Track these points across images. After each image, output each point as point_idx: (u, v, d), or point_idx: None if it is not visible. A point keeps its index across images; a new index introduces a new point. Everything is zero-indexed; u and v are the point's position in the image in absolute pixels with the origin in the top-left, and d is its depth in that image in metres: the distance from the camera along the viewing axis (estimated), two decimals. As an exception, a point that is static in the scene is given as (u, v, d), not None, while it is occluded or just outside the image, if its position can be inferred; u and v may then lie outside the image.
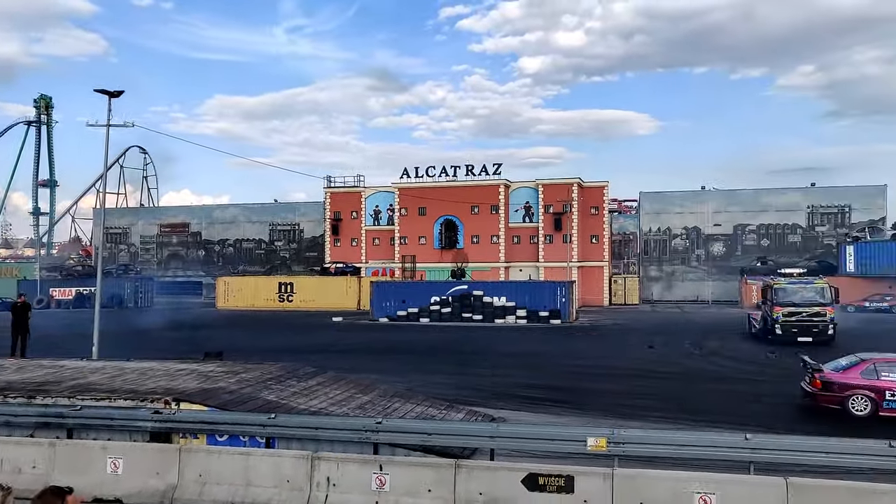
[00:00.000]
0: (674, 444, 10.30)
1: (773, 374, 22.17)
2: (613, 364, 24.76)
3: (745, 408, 17.00)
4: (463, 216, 59.09)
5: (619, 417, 15.57)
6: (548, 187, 58.48)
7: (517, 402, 17.73)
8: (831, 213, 59.21)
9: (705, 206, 62.03)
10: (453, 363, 25.28)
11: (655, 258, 62.79)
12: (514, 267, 58.69)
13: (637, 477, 9.11)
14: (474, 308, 41.88)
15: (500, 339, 32.83)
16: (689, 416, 15.91)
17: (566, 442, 10.48)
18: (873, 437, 10.01)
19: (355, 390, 14.57)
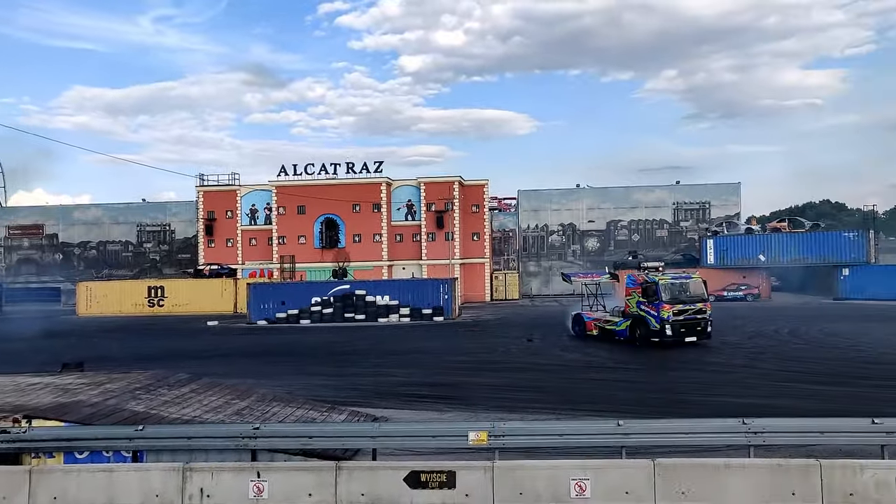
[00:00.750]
0: (552, 434, 10.67)
1: (644, 363, 23.44)
2: (495, 358, 25.29)
3: (620, 395, 17.86)
4: (344, 215, 58.41)
5: (502, 411, 15.93)
6: (430, 185, 58.93)
7: (400, 401, 17.75)
8: (693, 209, 63.40)
9: (580, 203, 64.73)
10: (335, 364, 24.97)
11: (534, 254, 64.81)
12: (397, 265, 58.72)
13: (516, 468, 9.33)
14: (357, 308, 41.49)
15: (384, 338, 32.74)
16: (569, 405, 16.51)
17: (448, 438, 10.61)
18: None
19: (232, 396, 14.04)
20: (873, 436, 9.80)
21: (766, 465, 8.96)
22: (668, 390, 18.37)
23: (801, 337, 29.03)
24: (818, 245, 50.12)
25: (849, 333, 29.17)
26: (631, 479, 8.95)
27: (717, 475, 8.86)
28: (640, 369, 21.98)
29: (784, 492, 8.65)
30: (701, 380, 19.87)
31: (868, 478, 8.66)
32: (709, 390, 18.21)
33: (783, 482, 8.71)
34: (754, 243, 52.16)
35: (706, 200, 63.04)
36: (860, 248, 48.74)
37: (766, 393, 17.37)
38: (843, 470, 8.77)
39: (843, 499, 8.60)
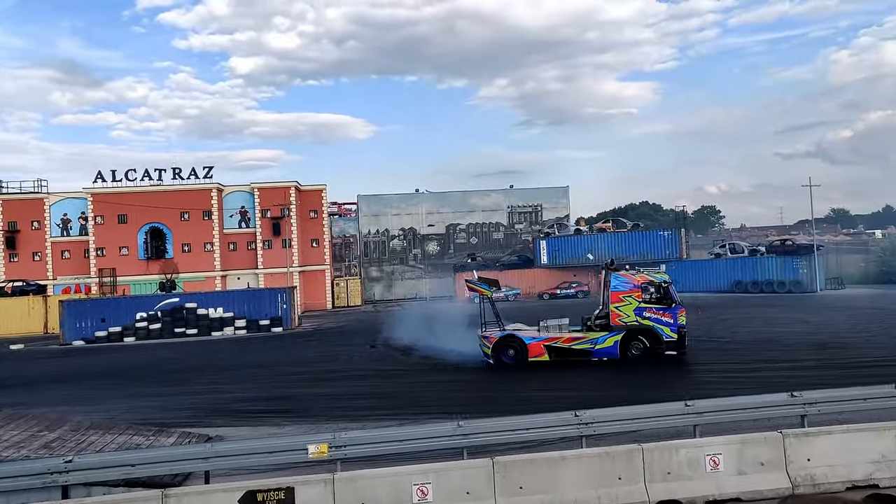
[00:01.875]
0: (394, 441, 10.61)
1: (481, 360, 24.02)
2: (337, 367, 24.88)
3: (463, 396, 18.15)
4: (171, 223, 54.99)
5: (344, 420, 15.65)
6: (264, 191, 57.04)
7: (237, 418, 16.93)
8: (527, 212, 66.43)
9: (420, 207, 65.65)
10: (164, 383, 23.34)
11: (376, 259, 64.81)
12: (231, 275, 56.23)
13: (358, 478, 9.16)
14: (188, 322, 39.16)
15: (218, 353, 31.15)
16: (412, 410, 16.50)
17: (287, 452, 10.28)
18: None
19: (39, 428, 12.63)
20: (687, 417, 10.71)
21: (595, 454, 9.45)
22: (510, 388, 18.96)
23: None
24: (638, 243, 54.40)
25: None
26: (471, 479, 9.07)
27: (552, 468, 9.20)
28: (483, 369, 22.48)
29: (611, 477, 9.17)
30: (541, 377, 20.66)
31: (682, 457, 9.41)
32: (548, 386, 18.96)
33: (611, 468, 9.23)
34: (583, 243, 55.59)
35: (538, 203, 66.28)
36: (674, 245, 53.51)
37: (596, 385, 18.45)
38: (661, 452, 9.45)
39: (663, 477, 9.27)
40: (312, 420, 16.10)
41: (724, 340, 25.87)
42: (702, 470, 9.41)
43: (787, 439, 9.76)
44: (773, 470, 9.59)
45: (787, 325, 28.94)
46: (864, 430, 10.19)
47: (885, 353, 21.00)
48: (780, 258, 48.44)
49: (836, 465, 9.73)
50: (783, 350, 22.52)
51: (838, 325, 28.39)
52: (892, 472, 9.80)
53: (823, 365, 19.36)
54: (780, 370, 18.84)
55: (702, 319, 32.34)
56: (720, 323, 30.97)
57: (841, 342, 23.79)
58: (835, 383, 13.65)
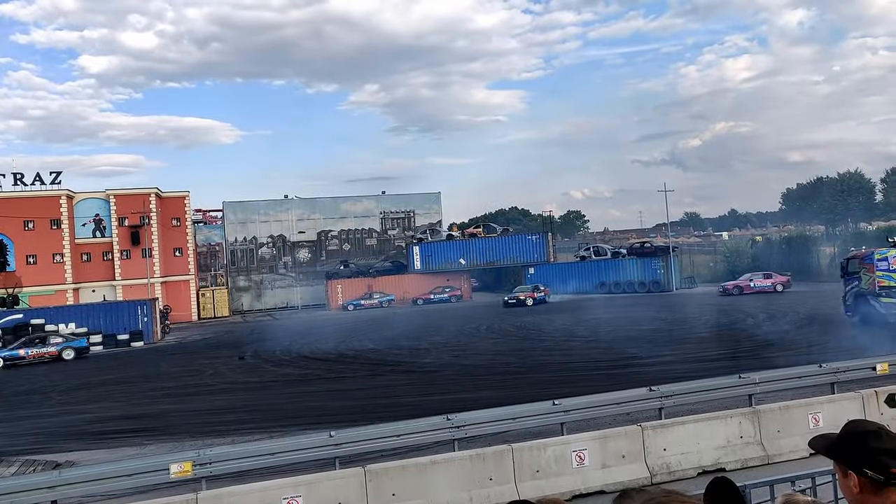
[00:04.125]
0: (263, 454, 10.27)
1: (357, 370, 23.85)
2: (204, 381, 23.82)
3: (335, 405, 17.87)
4: (13, 233, 50.53)
5: (212, 436, 15.00)
6: (121, 198, 53.73)
7: (92, 441, 15.76)
8: (399, 218, 66.61)
9: (289, 214, 64.14)
10: (6, 407, 21.36)
11: (244, 268, 62.63)
12: (85, 288, 52.47)
13: (224, 496, 8.80)
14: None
15: (71, 371, 28.92)
16: (284, 422, 16.06)
17: (146, 474, 9.71)
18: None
19: None
20: (554, 415, 11.08)
21: (466, 457, 9.57)
22: (382, 395, 18.88)
23: (496, 331, 32.03)
24: (508, 247, 56.05)
25: (534, 325, 32.90)
26: (343, 490, 8.94)
27: (424, 473, 9.24)
28: (354, 377, 22.31)
29: (482, 478, 9.32)
30: (411, 381, 20.77)
31: (550, 454, 9.73)
32: (419, 390, 19.08)
33: (482, 470, 9.38)
34: (455, 248, 56.47)
35: (411, 209, 66.69)
36: (542, 248, 55.57)
37: (470, 387, 18.74)
38: (530, 450, 9.73)
39: (532, 476, 9.55)
40: (177, 438, 15.31)
41: (589, 339, 27.13)
42: (569, 466, 9.78)
43: (645, 431, 10.32)
44: (634, 461, 10.12)
45: (648, 322, 30.73)
46: (712, 418, 10.96)
47: (733, 346, 22.76)
48: (639, 260, 51.39)
49: (689, 452, 10.38)
50: (644, 346, 23.83)
51: (692, 321, 30.50)
52: (736, 455, 10.59)
53: (681, 359, 20.63)
54: (642, 366, 19.91)
55: (565, 320, 33.89)
56: (585, 323, 32.45)
57: (696, 336, 25.59)
58: (690, 376, 14.65)
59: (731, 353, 21.31)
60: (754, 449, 10.74)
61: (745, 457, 10.62)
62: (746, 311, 32.31)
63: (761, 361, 17.63)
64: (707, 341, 24.31)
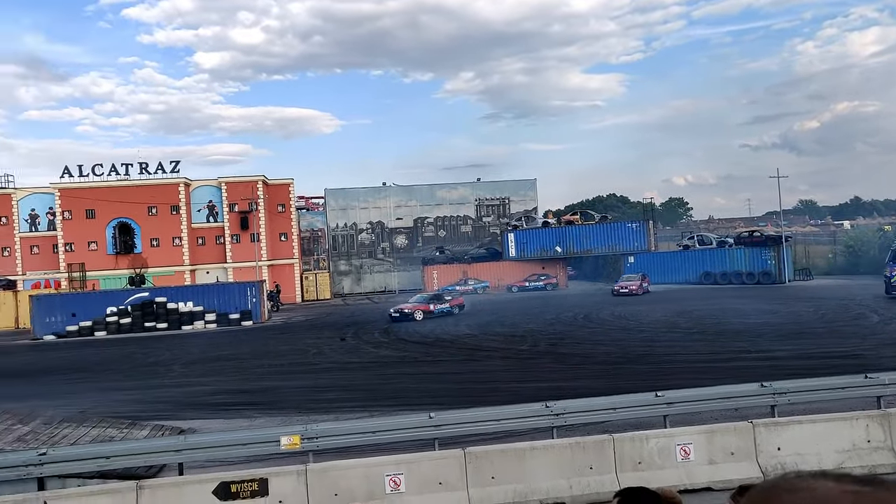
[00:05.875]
0: (365, 432, 10.68)
1: (454, 354, 24.26)
2: (308, 360, 24.88)
3: (433, 388, 18.31)
4: (140, 218, 54.29)
5: (316, 412, 15.68)
6: (232, 185, 56.52)
7: (209, 411, 16.87)
8: (494, 205, 66.61)
9: (387, 200, 65.45)
10: (136, 377, 23.19)
11: (344, 253, 64.53)
12: (200, 269, 55.67)
13: (330, 469, 9.25)
14: (158, 316, 38.80)
15: (189, 347, 30.90)
16: (383, 402, 16.62)
17: (259, 444, 10.30)
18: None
19: (11, 422, 12.54)
20: (657, 408, 10.89)
21: (566, 444, 9.63)
22: (478, 380, 19.18)
23: (593, 320, 31.65)
24: (606, 235, 54.83)
25: (634, 315, 32.26)
26: (443, 470, 9.21)
27: (523, 458, 9.38)
28: (452, 361, 22.70)
29: (582, 467, 9.36)
30: (508, 367, 20.95)
31: (653, 446, 9.61)
32: (515, 377, 19.21)
33: (582, 458, 9.42)
34: (551, 236, 55.92)
35: (506, 196, 66.53)
36: (642, 237, 53.97)
37: (566, 376, 18.72)
38: (631, 441, 9.65)
39: (633, 467, 9.48)
40: (284, 412, 16.12)
41: (692, 331, 26.38)
42: (672, 459, 9.62)
43: (756, 429, 9.90)
44: (744, 459, 9.79)
45: (757, 315, 29.48)
46: (834, 419, 10.33)
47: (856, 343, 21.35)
48: (748, 249, 48.92)
49: (806, 454, 9.83)
50: (753, 340, 22.91)
51: (807, 315, 29.00)
52: (862, 461, 9.90)
53: (795, 355, 19.74)
54: (751, 360, 19.21)
55: (667, 311, 33.00)
56: (688, 314, 31.53)
57: (812, 332, 24.32)
58: (806, 373, 13.97)
59: (853, 350, 20.04)
60: (884, 455, 10.02)
61: (872, 463, 9.90)
62: (869, 306, 30.41)
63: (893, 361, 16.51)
64: (824, 337, 23.10)
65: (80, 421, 13.44)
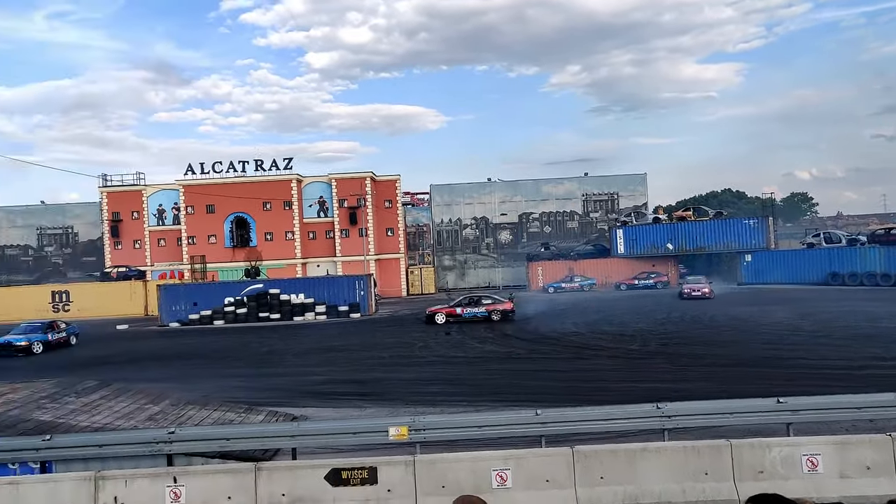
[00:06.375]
0: (472, 426, 10.68)
1: (560, 352, 23.94)
2: (414, 353, 25.26)
3: (538, 385, 18.13)
4: (255, 213, 57.04)
5: (422, 405, 15.88)
6: (341, 182, 58.30)
7: (319, 399, 17.45)
8: (602, 200, 65.27)
9: (492, 196, 65.50)
10: (252, 364, 24.36)
11: (448, 248, 65.17)
12: (311, 263, 57.84)
13: (438, 461, 9.30)
14: (272, 307, 40.63)
15: (300, 337, 32.16)
16: (489, 397, 16.62)
17: (368, 434, 10.51)
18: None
19: (144, 401, 13.45)
20: (779, 414, 10.24)
21: (679, 448, 9.24)
22: (585, 378, 18.83)
23: (706, 320, 30.37)
24: (722, 232, 52.41)
25: (751, 316, 30.69)
26: (551, 468, 9.07)
27: (633, 459, 9.09)
28: (557, 358, 22.42)
29: (697, 472, 8.95)
30: (616, 366, 20.45)
31: (776, 455, 9.03)
32: (624, 376, 18.72)
33: (696, 463, 9.01)
34: (662, 232, 54.13)
35: (614, 191, 65.03)
36: (761, 234, 51.12)
37: (676, 377, 18.06)
38: (751, 449, 9.10)
39: (753, 476, 8.96)
40: (391, 403, 16.44)
41: (818, 334, 24.81)
42: (798, 470, 8.99)
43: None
44: (882, 475, 8.99)
45: (891, 320, 27.28)
46: None
47: None
48: (884, 248, 44.75)
49: None
50: (888, 346, 21.26)
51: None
52: None
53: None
54: (886, 368, 17.83)
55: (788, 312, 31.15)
56: (812, 316, 29.67)
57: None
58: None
59: None
60: None
61: None
62: None
63: None
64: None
65: (203, 404, 14.23)
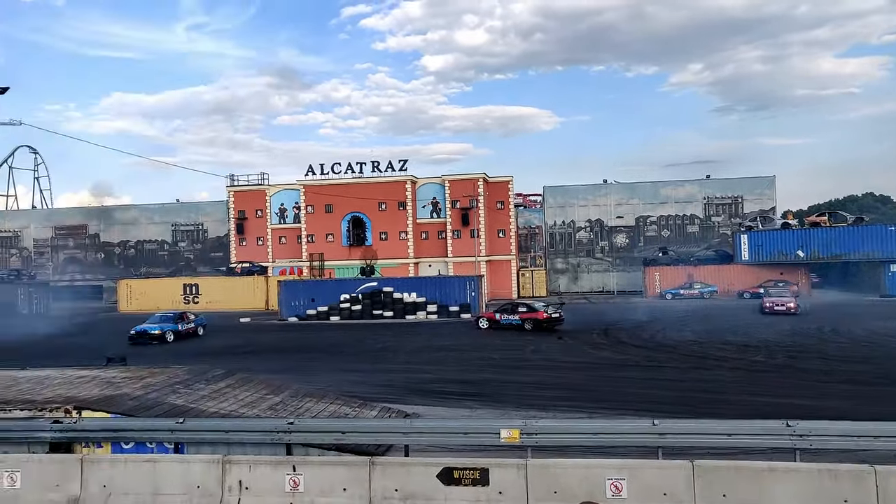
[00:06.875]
0: (585, 433, 10.43)
1: (680, 361, 23.07)
2: (525, 356, 25.11)
3: (655, 394, 17.56)
4: (370, 213, 58.62)
5: (533, 409, 15.77)
6: (454, 183, 58.86)
7: (431, 398, 17.68)
8: (725, 204, 62.19)
9: (608, 199, 63.98)
10: (365, 360, 25.03)
11: (561, 251, 64.29)
12: (423, 262, 58.75)
13: (550, 466, 9.19)
14: (385, 305, 41.60)
15: (413, 335, 32.72)
16: (602, 404, 16.28)
17: (480, 435, 10.49)
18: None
19: (266, 391, 14.12)
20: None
21: (813, 470, 8.59)
22: (706, 389, 18.06)
23: (842, 334, 28.33)
24: (862, 240, 48.16)
25: (893, 331, 28.36)
26: (669, 480, 8.74)
27: (760, 479, 8.58)
28: (675, 367, 21.63)
29: (834, 498, 8.27)
30: (740, 379, 19.48)
31: (931, 485, 8.20)
32: (748, 390, 17.79)
33: (833, 488, 8.34)
34: (792, 238, 50.70)
35: (739, 194, 61.84)
36: (908, 242, 46.87)
37: (810, 394, 16.95)
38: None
39: (900, 506, 8.22)
40: (502, 406, 16.40)
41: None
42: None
43: None
44: None
45: None
46: None
47: None
48: None
49: None
50: None
51: None
52: None
53: None
54: None
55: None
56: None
57: None
58: None
59: None
60: None
61: None
62: None
63: None
64: None
65: (319, 396, 14.76)
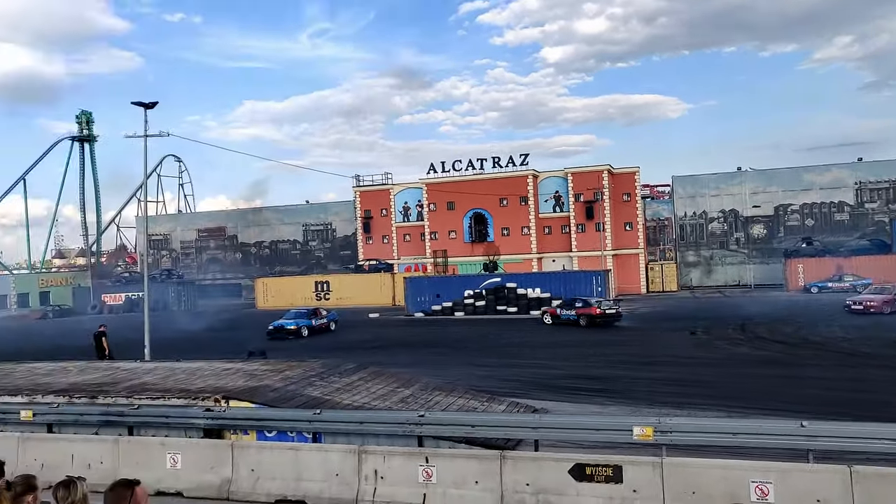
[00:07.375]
0: (724, 432, 9.98)
1: (826, 358, 21.62)
2: (656, 352, 24.38)
3: (798, 393, 16.53)
4: (492, 209, 58.79)
5: (666, 406, 15.26)
6: (577, 176, 57.84)
7: (558, 393, 17.53)
8: (882, 189, 56.59)
9: (742, 187, 60.43)
10: (491, 355, 25.18)
11: (692, 243, 61.56)
12: (546, 258, 58.22)
13: (688, 465, 8.88)
14: (509, 300, 41.62)
15: (538, 331, 32.59)
16: (740, 403, 15.52)
17: (611, 431, 10.28)
18: None
19: (396, 384, 14.56)
20: None
21: None
22: (854, 389, 16.79)
23: None
24: None
25: None
26: (823, 487, 8.15)
27: (929, 488, 7.87)
28: (821, 365, 20.24)
29: None
30: (893, 378, 17.94)
31: None
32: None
33: None
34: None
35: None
36: None
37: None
38: None
39: None
40: (633, 402, 16.00)
41: None
42: None
43: None
44: None
45: None
46: None
47: None
48: None
49: None
50: None
51: None
52: None
53: None
54: None
55: None
56: None
57: None
58: None
59: None
60: None
61: None
62: None
63: None
64: None
65: (448, 390, 15.03)
